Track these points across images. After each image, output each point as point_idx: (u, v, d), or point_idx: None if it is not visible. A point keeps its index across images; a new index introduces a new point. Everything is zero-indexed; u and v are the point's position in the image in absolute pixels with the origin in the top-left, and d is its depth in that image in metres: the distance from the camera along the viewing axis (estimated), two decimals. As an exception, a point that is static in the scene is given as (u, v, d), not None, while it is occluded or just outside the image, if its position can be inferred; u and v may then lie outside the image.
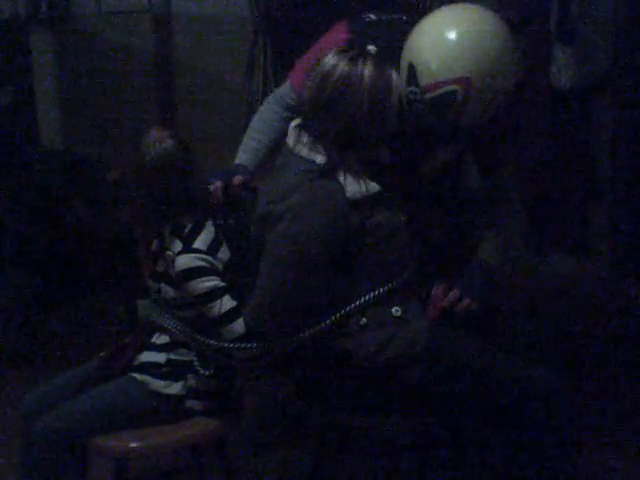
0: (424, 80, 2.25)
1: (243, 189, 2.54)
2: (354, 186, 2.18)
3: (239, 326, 2.25)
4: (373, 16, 2.54)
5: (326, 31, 2.60)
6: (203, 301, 2.28)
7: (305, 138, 2.25)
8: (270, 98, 2.72)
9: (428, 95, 2.25)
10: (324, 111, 2.20)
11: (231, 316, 2.26)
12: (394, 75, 2.23)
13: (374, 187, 2.21)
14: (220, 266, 2.34)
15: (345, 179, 2.18)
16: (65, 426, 2.26)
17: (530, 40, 4.28)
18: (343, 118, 2.19)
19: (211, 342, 2.29)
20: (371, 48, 2.29)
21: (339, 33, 2.52)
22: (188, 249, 2.31)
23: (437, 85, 2.24)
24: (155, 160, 2.31)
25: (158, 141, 2.33)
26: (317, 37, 2.60)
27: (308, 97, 2.24)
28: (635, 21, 4.27)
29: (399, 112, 2.25)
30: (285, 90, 2.66)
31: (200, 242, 2.33)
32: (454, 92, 2.23)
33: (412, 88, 2.27)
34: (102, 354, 2.45)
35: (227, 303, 2.28)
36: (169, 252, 2.33)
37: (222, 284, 2.30)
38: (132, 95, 4.89)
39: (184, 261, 2.29)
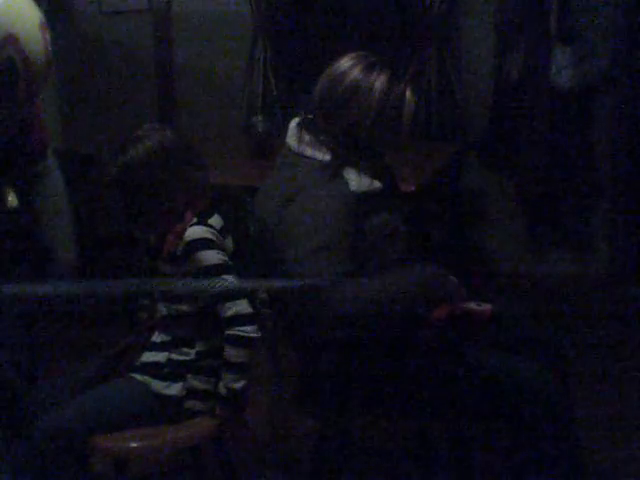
0: None
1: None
2: (358, 180, 2.20)
3: (251, 330, 2.26)
4: None
5: (325, 31, 2.59)
6: (208, 273, 2.26)
7: (307, 137, 2.25)
8: None
9: None
10: (331, 110, 2.21)
11: (244, 320, 2.26)
12: (408, 91, 2.23)
13: (376, 184, 2.22)
14: (228, 252, 2.34)
15: (349, 173, 2.20)
16: (65, 426, 2.26)
17: (530, 40, 4.29)
18: (347, 122, 2.20)
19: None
20: None
21: None
22: (202, 223, 2.32)
23: None
24: (141, 157, 2.30)
25: (144, 138, 2.33)
26: (317, 37, 2.60)
27: (318, 94, 2.24)
28: (635, 21, 4.28)
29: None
30: None
31: (213, 222, 2.34)
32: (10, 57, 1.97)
33: None
34: (102, 354, 2.45)
35: (244, 306, 2.27)
36: (179, 225, 2.32)
37: (230, 263, 2.30)
38: (132, 95, 4.89)
39: (196, 231, 2.30)
